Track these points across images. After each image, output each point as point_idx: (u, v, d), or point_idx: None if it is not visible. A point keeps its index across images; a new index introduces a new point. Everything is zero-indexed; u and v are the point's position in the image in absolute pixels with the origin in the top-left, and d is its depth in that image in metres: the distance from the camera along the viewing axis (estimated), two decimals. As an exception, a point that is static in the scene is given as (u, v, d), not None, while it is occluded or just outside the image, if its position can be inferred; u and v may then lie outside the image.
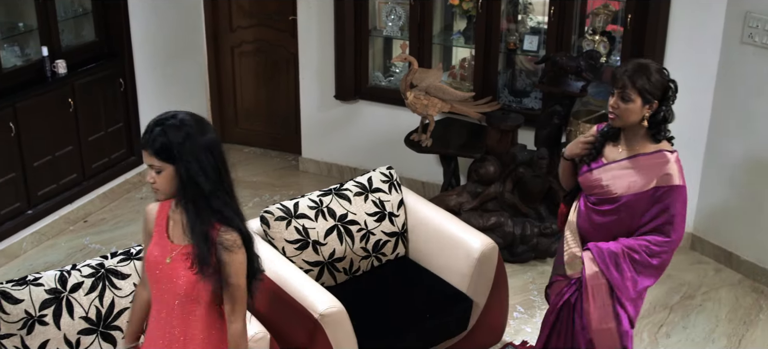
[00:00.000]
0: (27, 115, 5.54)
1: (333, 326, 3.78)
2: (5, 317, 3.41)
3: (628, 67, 3.37)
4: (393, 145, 6.34)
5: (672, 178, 3.42)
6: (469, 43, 6.15)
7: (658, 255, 3.47)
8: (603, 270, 3.51)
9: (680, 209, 3.45)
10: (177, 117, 2.75)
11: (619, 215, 3.49)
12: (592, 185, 3.54)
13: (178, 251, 2.87)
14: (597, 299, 3.55)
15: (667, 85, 3.40)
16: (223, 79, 7.40)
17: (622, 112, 3.38)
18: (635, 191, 3.44)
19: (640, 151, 3.46)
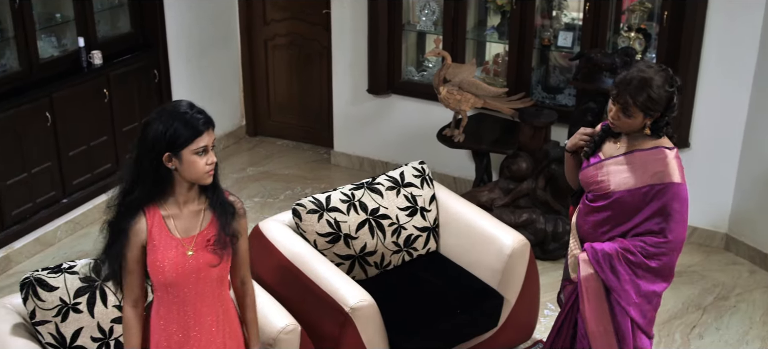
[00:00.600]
0: (63, 105, 5.61)
1: (363, 320, 3.78)
2: (41, 304, 3.45)
3: (631, 82, 3.21)
4: (425, 140, 6.33)
5: (668, 175, 3.30)
6: (503, 38, 6.12)
7: (656, 257, 3.33)
8: (597, 271, 3.41)
9: (678, 207, 3.31)
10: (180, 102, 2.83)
11: (612, 211, 3.38)
12: (588, 181, 3.45)
13: (194, 241, 2.88)
14: (592, 301, 3.46)
15: (671, 96, 3.24)
16: (257, 71, 7.43)
17: (622, 124, 3.29)
18: (628, 187, 3.33)
19: (637, 147, 3.35)
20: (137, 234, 2.86)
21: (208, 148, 2.82)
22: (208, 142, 2.80)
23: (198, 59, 6.85)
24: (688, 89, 5.43)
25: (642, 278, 3.37)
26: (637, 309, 3.41)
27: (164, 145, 2.76)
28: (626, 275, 3.37)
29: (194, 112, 2.79)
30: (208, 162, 2.82)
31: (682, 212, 3.32)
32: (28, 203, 5.49)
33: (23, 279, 3.48)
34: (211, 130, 2.82)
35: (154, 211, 2.87)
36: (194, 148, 2.78)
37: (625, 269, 3.37)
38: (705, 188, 5.64)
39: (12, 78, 5.38)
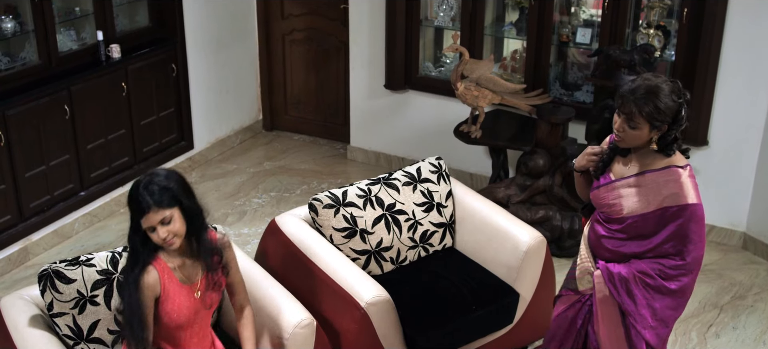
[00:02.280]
0: (81, 98, 5.64)
1: (378, 316, 3.79)
2: (59, 296, 3.47)
3: (637, 90, 3.10)
4: (442, 136, 6.32)
5: (683, 196, 3.16)
6: (520, 34, 6.10)
7: (675, 279, 3.23)
8: (613, 295, 3.32)
9: (695, 228, 3.18)
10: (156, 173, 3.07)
11: (628, 234, 3.28)
12: (600, 203, 3.34)
13: (199, 284, 3.21)
14: (607, 324, 3.38)
15: (679, 108, 3.11)
16: (274, 66, 7.44)
17: (627, 136, 3.16)
18: (642, 212, 3.21)
19: (649, 167, 3.21)
20: (152, 288, 3.10)
21: (157, 228, 3.01)
22: (154, 222, 3.00)
23: (216, 53, 6.87)
24: (707, 87, 5.40)
25: (659, 301, 3.27)
26: (653, 332, 3.32)
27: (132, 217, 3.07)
28: (643, 300, 3.28)
29: (146, 192, 3.00)
30: (160, 237, 3.03)
31: (699, 233, 3.21)
32: (46, 195, 5.53)
33: (41, 271, 3.49)
34: (160, 209, 2.99)
35: (162, 263, 3.14)
36: (144, 224, 3.02)
37: (641, 293, 3.28)
38: (723, 187, 5.61)
39: (31, 71, 5.41)
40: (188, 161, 6.78)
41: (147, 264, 3.10)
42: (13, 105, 5.18)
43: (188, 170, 6.77)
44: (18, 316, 3.53)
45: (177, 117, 6.60)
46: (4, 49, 5.41)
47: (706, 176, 5.64)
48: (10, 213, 5.31)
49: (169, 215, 3.02)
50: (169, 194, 3.02)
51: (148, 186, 3.01)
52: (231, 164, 6.98)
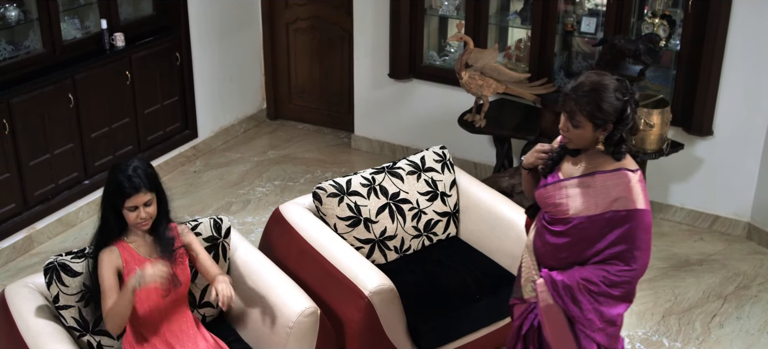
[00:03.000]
0: (85, 87, 5.64)
1: (382, 304, 3.79)
2: (64, 289, 3.48)
3: (579, 88, 3.00)
4: (446, 125, 6.31)
5: (632, 201, 3.05)
6: (525, 23, 6.08)
7: (619, 285, 3.12)
8: (558, 303, 3.20)
9: (641, 235, 3.07)
10: (134, 160, 3.36)
11: (572, 237, 3.15)
12: (545, 202, 3.22)
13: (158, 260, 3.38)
14: (555, 332, 3.25)
15: (624, 106, 2.99)
16: (278, 55, 7.43)
17: (572, 135, 3.07)
18: (589, 214, 3.10)
19: (598, 168, 3.10)
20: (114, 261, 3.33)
21: (139, 208, 3.28)
22: (136, 203, 3.27)
23: (219, 42, 6.86)
24: (712, 77, 5.38)
25: (604, 304, 3.16)
26: (603, 334, 3.21)
27: (109, 198, 3.31)
28: (589, 305, 3.16)
29: (133, 176, 3.27)
30: (140, 216, 3.30)
31: (646, 240, 3.10)
32: (50, 184, 5.54)
33: (47, 264, 3.49)
34: (143, 192, 3.28)
35: (122, 244, 3.37)
36: (126, 205, 3.27)
37: (587, 299, 3.15)
38: (728, 177, 5.60)
39: (35, 60, 5.41)
40: (192, 150, 6.78)
41: (110, 243, 3.34)
42: (17, 93, 5.18)
43: (192, 159, 6.78)
44: (23, 304, 3.53)
45: (181, 106, 6.59)
46: (8, 38, 5.40)
47: (711, 166, 5.63)
48: (14, 201, 5.32)
49: (151, 198, 3.32)
50: (154, 180, 3.35)
51: (136, 170, 3.29)
52: (235, 153, 6.98)
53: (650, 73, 5.65)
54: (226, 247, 3.88)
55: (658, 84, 5.77)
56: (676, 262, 5.40)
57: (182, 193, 6.23)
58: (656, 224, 5.84)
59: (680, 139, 5.44)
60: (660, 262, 5.39)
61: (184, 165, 6.69)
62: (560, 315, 3.23)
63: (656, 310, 4.91)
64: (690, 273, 5.27)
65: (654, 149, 5.10)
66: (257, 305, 3.71)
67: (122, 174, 3.27)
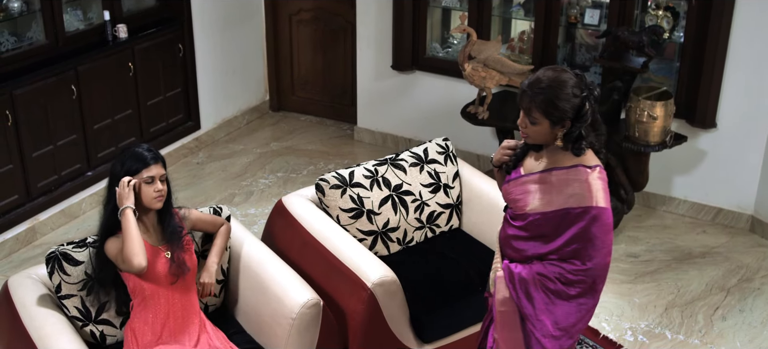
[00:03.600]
0: (88, 78, 5.64)
1: (385, 296, 3.79)
2: (66, 278, 3.48)
3: (535, 84, 2.94)
4: (449, 117, 6.31)
5: (588, 198, 2.96)
6: (528, 15, 6.07)
7: (575, 284, 3.02)
8: (512, 296, 3.12)
9: (597, 232, 2.97)
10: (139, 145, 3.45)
11: (529, 232, 3.09)
12: (508, 198, 3.17)
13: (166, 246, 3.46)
14: (505, 329, 3.18)
15: (582, 103, 2.91)
16: (281, 46, 7.43)
17: (529, 132, 3.01)
18: (543, 210, 3.03)
19: (557, 164, 3.03)
20: (119, 240, 3.34)
21: (156, 179, 3.36)
22: (155, 174, 3.36)
23: (222, 33, 6.85)
24: (715, 69, 5.37)
25: (560, 307, 3.06)
26: (555, 342, 3.09)
27: (122, 175, 3.33)
28: (542, 305, 3.07)
29: (145, 150, 3.38)
30: (156, 190, 3.36)
31: (603, 239, 2.99)
32: (53, 175, 5.54)
33: (49, 253, 3.50)
34: (160, 165, 3.38)
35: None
36: (143, 177, 3.33)
37: (541, 297, 3.07)
38: (731, 169, 5.59)
39: (38, 51, 5.41)
40: (195, 141, 6.78)
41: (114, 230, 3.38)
42: (20, 85, 5.18)
43: (195, 150, 6.78)
44: (26, 295, 3.54)
45: (184, 97, 6.59)
46: (11, 29, 5.40)
47: (714, 159, 5.62)
48: (17, 193, 5.32)
49: (165, 174, 3.41)
50: (163, 158, 3.44)
51: (147, 147, 3.41)
52: (238, 145, 6.98)
53: (654, 66, 5.63)
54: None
55: (662, 76, 5.76)
56: (679, 254, 5.39)
57: (185, 184, 6.23)
58: (659, 217, 5.84)
59: (683, 132, 5.43)
60: (663, 254, 5.38)
61: (187, 157, 6.70)
62: (514, 311, 3.15)
63: (659, 302, 4.90)
64: (693, 266, 5.27)
65: (657, 142, 5.09)
66: (260, 297, 3.71)
67: (136, 149, 3.38)
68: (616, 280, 5.10)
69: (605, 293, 4.95)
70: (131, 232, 3.28)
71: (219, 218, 3.78)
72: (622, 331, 4.65)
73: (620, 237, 5.55)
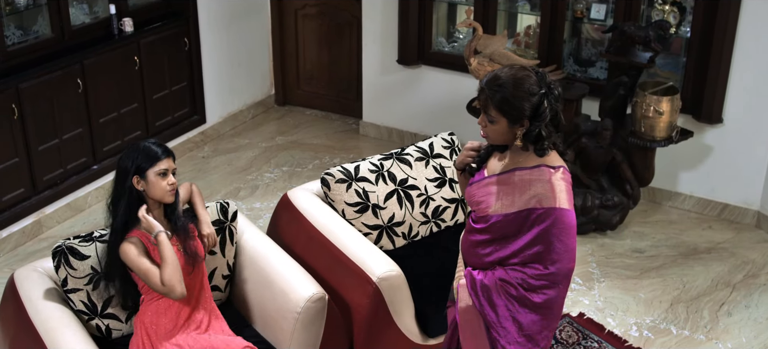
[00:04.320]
0: (94, 72, 5.64)
1: (390, 290, 3.79)
2: (73, 272, 3.49)
3: (493, 81, 2.89)
4: (454, 112, 6.30)
5: (550, 199, 2.89)
6: (535, 10, 6.06)
7: (538, 290, 2.94)
8: (475, 304, 3.06)
9: (559, 234, 2.89)
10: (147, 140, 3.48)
11: (491, 234, 3.01)
12: (471, 200, 3.10)
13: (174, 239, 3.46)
14: (470, 336, 3.11)
15: (540, 100, 2.86)
16: (286, 41, 7.42)
17: (488, 131, 2.95)
18: (505, 211, 2.96)
19: (519, 165, 2.96)
20: (140, 248, 3.35)
21: (168, 173, 3.38)
22: (168, 167, 3.38)
23: (228, 28, 6.85)
24: (722, 64, 5.36)
25: (524, 315, 2.99)
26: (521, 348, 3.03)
27: (134, 170, 3.34)
28: (506, 312, 3.00)
29: (154, 144, 3.40)
30: (169, 183, 3.38)
31: (566, 241, 2.91)
32: (59, 168, 5.55)
33: (55, 247, 3.50)
34: (171, 159, 3.40)
35: (138, 232, 3.39)
36: (156, 170, 3.34)
37: (504, 304, 2.99)
38: (737, 165, 5.58)
39: (44, 45, 5.42)
40: (200, 135, 6.79)
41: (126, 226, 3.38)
42: (26, 78, 5.19)
43: (200, 144, 6.78)
44: (32, 288, 3.55)
45: (189, 91, 6.60)
46: (17, 23, 5.41)
47: (721, 154, 5.61)
48: (23, 186, 5.33)
49: (175, 167, 3.43)
50: (172, 152, 3.46)
51: (157, 142, 3.42)
52: (243, 139, 6.98)
53: (660, 61, 5.62)
54: (232, 230, 3.89)
55: (668, 71, 5.75)
56: (684, 250, 5.38)
57: (190, 178, 6.24)
58: (665, 212, 5.83)
59: (690, 127, 5.42)
60: (669, 250, 5.38)
61: (193, 150, 6.70)
62: (478, 319, 3.09)
63: (664, 298, 4.90)
64: (698, 261, 5.26)
65: (663, 137, 5.08)
66: (265, 291, 3.71)
67: (147, 144, 3.39)
68: (621, 275, 5.10)
69: (610, 288, 4.96)
70: (170, 258, 3.31)
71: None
72: (627, 326, 4.65)
73: (626, 232, 5.55)
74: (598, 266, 5.18)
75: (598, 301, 4.86)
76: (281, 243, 4.07)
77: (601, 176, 5.43)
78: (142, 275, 3.32)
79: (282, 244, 4.06)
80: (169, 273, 3.28)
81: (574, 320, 4.67)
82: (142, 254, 3.34)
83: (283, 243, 4.10)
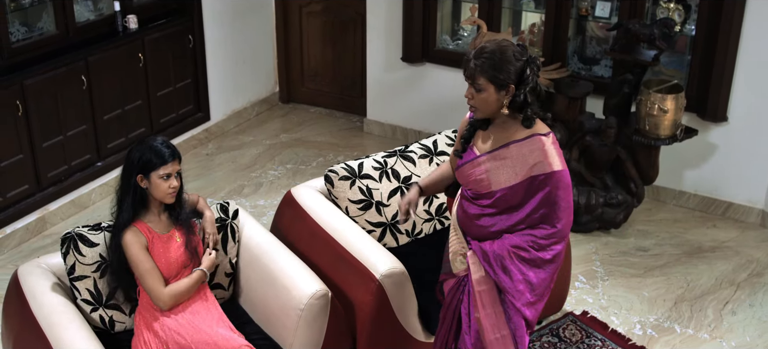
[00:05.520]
0: (98, 69, 5.64)
1: (394, 288, 3.79)
2: (81, 258, 3.51)
3: (479, 53, 3.06)
4: (458, 109, 6.27)
5: (548, 164, 3.10)
6: (539, 8, 6.05)
7: (547, 248, 3.16)
8: (489, 273, 3.21)
9: (562, 194, 3.12)
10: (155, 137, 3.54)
11: (497, 207, 3.18)
12: (466, 181, 3.26)
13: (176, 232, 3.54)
14: (487, 306, 3.24)
15: (524, 66, 3.05)
16: (291, 38, 7.42)
17: (477, 102, 3.10)
18: (509, 184, 3.13)
19: (511, 138, 3.14)
20: (141, 241, 3.43)
21: (172, 176, 3.43)
22: (172, 171, 3.43)
23: (232, 25, 6.85)
24: (727, 62, 5.34)
25: (535, 273, 3.18)
26: (532, 309, 3.22)
27: (139, 168, 3.41)
28: (519, 275, 3.17)
29: (164, 146, 3.43)
30: (171, 186, 3.43)
31: (567, 199, 3.15)
32: (63, 165, 5.55)
33: (65, 234, 3.55)
34: (177, 161, 3.45)
35: (141, 223, 3.47)
36: (160, 173, 3.40)
37: (517, 268, 3.17)
38: (742, 163, 5.57)
39: (49, 41, 5.42)
40: (205, 133, 6.79)
41: (129, 223, 3.44)
42: (30, 75, 5.19)
43: (205, 142, 6.78)
44: (35, 283, 3.56)
45: (194, 88, 6.60)
46: (22, 19, 5.41)
47: (725, 152, 5.60)
48: (27, 183, 5.34)
49: (179, 170, 3.48)
50: (180, 155, 3.50)
51: (166, 143, 3.45)
52: (247, 136, 6.98)
53: (665, 59, 5.61)
54: (235, 228, 3.89)
55: (673, 69, 5.74)
56: (688, 248, 5.37)
57: (194, 175, 6.24)
58: (669, 210, 5.82)
59: (694, 125, 5.40)
60: (673, 248, 5.37)
61: (197, 148, 6.70)
62: (492, 287, 3.25)
63: (668, 296, 4.89)
64: (703, 260, 5.25)
65: (668, 135, 5.07)
66: (268, 288, 3.71)
67: (155, 144, 3.43)
68: (625, 273, 5.09)
69: (614, 286, 4.95)
70: (187, 291, 3.48)
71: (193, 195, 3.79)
72: (631, 325, 4.64)
73: (630, 231, 5.54)
74: (602, 265, 5.17)
75: (602, 299, 4.86)
76: (284, 240, 4.06)
77: (606, 174, 5.43)
78: (139, 273, 3.42)
79: (285, 241, 4.05)
80: (175, 292, 3.44)
81: (577, 319, 4.66)
82: (142, 247, 3.42)
83: (286, 240, 4.10)
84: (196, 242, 3.57)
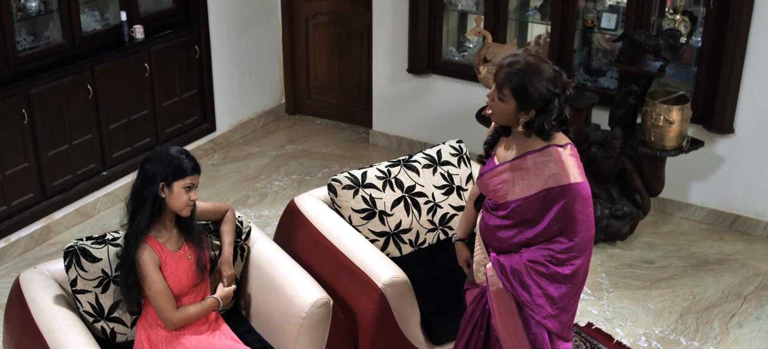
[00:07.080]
0: (104, 78, 5.66)
1: (396, 297, 3.77)
2: (83, 274, 3.48)
3: (514, 63, 2.99)
4: (464, 121, 6.28)
5: (564, 176, 3.03)
6: (545, 19, 6.04)
7: (566, 263, 3.08)
8: (507, 287, 3.17)
9: (580, 207, 3.04)
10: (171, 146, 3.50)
11: (513, 219, 3.14)
12: (486, 190, 3.24)
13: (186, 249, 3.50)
14: (504, 318, 3.23)
15: (551, 97, 2.97)
16: (297, 49, 7.43)
17: (495, 107, 3.06)
18: (523, 195, 3.09)
19: (529, 148, 3.09)
20: (154, 259, 3.37)
21: (193, 188, 3.38)
22: (193, 183, 3.38)
23: (238, 36, 6.87)
24: (733, 74, 5.32)
25: (555, 288, 3.11)
26: (555, 320, 3.16)
27: (162, 177, 3.32)
28: (538, 290, 3.12)
29: (186, 158, 3.39)
30: (191, 198, 3.39)
31: (585, 212, 3.06)
32: (68, 174, 5.56)
33: (67, 247, 3.50)
34: (197, 174, 3.40)
35: (153, 240, 3.41)
36: (183, 184, 3.35)
37: (535, 282, 3.11)
38: (749, 176, 5.54)
39: (55, 50, 5.44)
40: (210, 143, 6.80)
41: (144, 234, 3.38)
42: (36, 84, 5.21)
43: (210, 152, 6.79)
44: (37, 291, 3.55)
45: (200, 99, 6.61)
46: (29, 28, 5.43)
47: (732, 165, 5.57)
48: (33, 191, 5.35)
49: (198, 183, 3.43)
50: (200, 168, 3.45)
51: (185, 153, 3.40)
52: (253, 147, 6.98)
53: (671, 70, 5.59)
54: (245, 248, 3.88)
55: (679, 81, 5.72)
56: (695, 261, 5.34)
57: (200, 186, 6.19)
58: (675, 223, 5.79)
59: (701, 137, 5.38)
60: (679, 261, 5.34)
61: (202, 158, 6.71)
62: (510, 300, 3.21)
63: (674, 309, 4.86)
64: (709, 272, 5.22)
65: (674, 146, 5.05)
66: (270, 296, 3.70)
67: (178, 153, 3.37)
68: (631, 285, 5.06)
69: (620, 298, 4.92)
70: (199, 315, 3.48)
71: (221, 205, 3.76)
72: (636, 337, 4.61)
73: (636, 243, 5.51)
74: (608, 276, 5.14)
75: (607, 311, 4.83)
76: (288, 249, 4.06)
77: (611, 186, 5.40)
78: (152, 294, 3.37)
79: (288, 250, 4.05)
80: (185, 317, 3.43)
81: (582, 330, 4.63)
82: (155, 266, 3.37)
83: (289, 249, 4.09)
84: (205, 260, 3.55)
